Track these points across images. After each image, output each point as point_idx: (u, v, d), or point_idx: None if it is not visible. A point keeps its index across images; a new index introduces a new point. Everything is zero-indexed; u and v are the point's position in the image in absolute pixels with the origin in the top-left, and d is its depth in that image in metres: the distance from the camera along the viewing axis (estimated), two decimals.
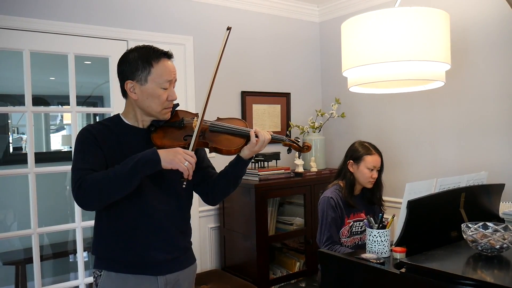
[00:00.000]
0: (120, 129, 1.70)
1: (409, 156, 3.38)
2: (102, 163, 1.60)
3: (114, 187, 1.52)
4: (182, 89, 3.31)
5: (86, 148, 1.61)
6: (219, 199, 1.90)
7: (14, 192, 4.05)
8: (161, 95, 1.66)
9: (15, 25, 2.65)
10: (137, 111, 1.71)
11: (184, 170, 1.55)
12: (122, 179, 1.51)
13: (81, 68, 3.13)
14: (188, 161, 1.55)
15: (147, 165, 1.53)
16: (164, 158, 1.54)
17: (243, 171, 1.82)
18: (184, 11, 3.32)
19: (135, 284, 1.66)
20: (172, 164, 1.54)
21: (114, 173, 1.52)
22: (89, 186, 1.50)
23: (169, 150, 1.57)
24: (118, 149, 1.65)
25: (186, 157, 1.55)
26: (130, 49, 1.71)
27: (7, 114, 4.31)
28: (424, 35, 2.01)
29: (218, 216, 3.52)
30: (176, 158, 1.54)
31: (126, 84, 1.66)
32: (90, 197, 1.52)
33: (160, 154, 1.54)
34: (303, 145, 1.89)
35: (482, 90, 2.90)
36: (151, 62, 1.64)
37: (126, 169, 1.51)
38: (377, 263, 1.82)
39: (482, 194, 2.21)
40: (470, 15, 2.92)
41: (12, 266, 3.76)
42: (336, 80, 3.86)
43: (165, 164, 1.54)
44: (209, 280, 3.17)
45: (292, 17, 3.92)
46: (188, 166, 1.55)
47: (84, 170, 1.54)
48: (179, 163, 1.54)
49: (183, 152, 1.56)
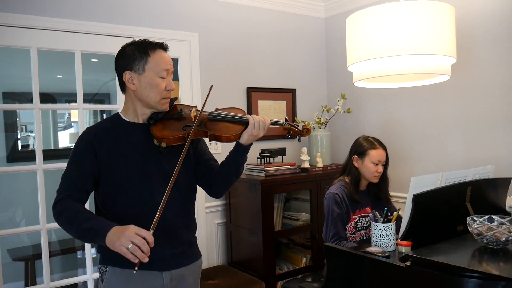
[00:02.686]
0: (119, 127, 1.72)
1: (416, 151, 3.37)
2: (88, 179, 1.64)
3: (69, 230, 1.58)
4: (187, 85, 3.32)
5: (77, 159, 1.66)
6: (223, 190, 1.88)
7: (22, 190, 4.09)
8: (159, 84, 1.67)
9: (23, 23, 2.68)
10: (136, 105, 1.72)
11: (125, 254, 1.39)
12: (75, 230, 1.54)
13: (88, 65, 3.16)
14: (134, 243, 1.38)
15: (95, 236, 1.50)
16: (108, 238, 1.44)
17: (244, 158, 1.80)
18: (190, 8, 3.33)
19: (140, 280, 1.67)
20: (113, 247, 1.42)
21: (75, 219, 1.53)
22: (58, 214, 1.58)
23: (119, 229, 1.44)
24: (118, 148, 1.67)
25: (134, 239, 1.38)
26: (126, 44, 1.73)
27: (15, 112, 4.35)
28: (429, 28, 2.01)
29: (225, 212, 3.54)
30: (118, 240, 1.39)
31: (124, 75, 1.68)
32: (57, 221, 1.60)
33: (109, 233, 1.44)
34: (303, 128, 1.89)
35: (488, 84, 2.89)
36: (147, 52, 1.67)
37: (81, 226, 1.51)
38: (382, 256, 1.82)
39: (488, 188, 2.19)
40: (476, 9, 2.91)
41: (22, 262, 3.82)
42: (342, 75, 3.86)
43: (108, 245, 1.44)
44: (216, 276, 3.19)
45: (297, 12, 3.92)
46: (132, 249, 1.38)
47: (67, 187, 1.61)
48: (120, 246, 1.39)
49: (132, 233, 1.40)
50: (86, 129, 1.73)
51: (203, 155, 1.87)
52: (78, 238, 1.60)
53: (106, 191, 1.68)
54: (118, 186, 1.66)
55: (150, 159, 1.70)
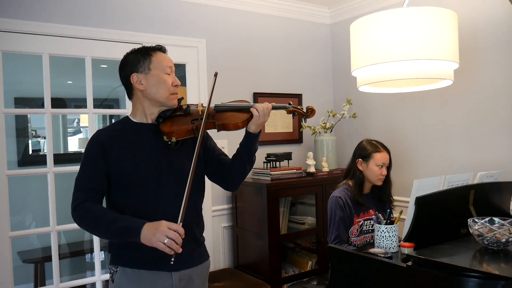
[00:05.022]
0: (128, 128, 1.78)
1: (420, 155, 3.39)
2: (102, 179, 1.69)
3: (97, 232, 1.72)
4: (195, 90, 3.38)
5: (90, 161, 1.71)
6: (238, 182, 1.90)
7: (32, 194, 4.15)
8: (166, 80, 1.74)
9: (35, 29, 2.75)
10: (145, 105, 1.78)
11: (163, 249, 1.51)
12: (105, 231, 1.62)
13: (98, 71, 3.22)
14: (169, 237, 1.51)
15: (128, 235, 1.59)
16: (143, 234, 1.54)
17: (256, 146, 1.84)
18: (197, 14, 3.39)
19: (150, 280, 1.71)
20: (150, 243, 1.53)
21: (103, 220, 1.61)
22: (80, 217, 1.65)
23: (153, 225, 1.55)
24: (128, 148, 1.72)
25: (168, 233, 1.51)
26: (126, 53, 1.81)
27: (27, 118, 4.44)
28: (431, 34, 2.03)
29: (231, 216, 3.58)
30: (154, 237, 1.51)
31: (132, 78, 1.74)
32: (80, 224, 1.67)
33: (143, 230, 1.55)
34: (307, 109, 1.90)
35: (492, 89, 2.91)
36: (149, 53, 1.76)
37: (112, 227, 1.59)
38: (384, 257, 1.85)
39: (492, 191, 2.20)
40: (479, 15, 2.93)
41: (31, 264, 3.88)
42: (347, 81, 3.89)
43: (144, 241, 1.55)
44: (222, 278, 3.22)
45: (303, 19, 3.97)
46: (168, 243, 1.50)
47: (83, 191, 1.67)
48: (157, 241, 1.51)
49: (166, 228, 1.52)
50: (97, 131, 1.78)
51: (213, 151, 1.91)
52: (108, 238, 1.68)
53: (117, 190, 1.72)
54: (129, 185, 1.70)
55: (159, 157, 1.74)
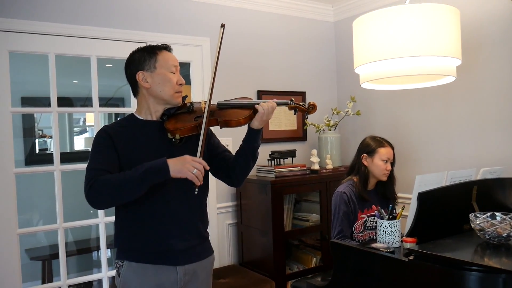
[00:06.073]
0: (134, 124, 1.81)
1: (424, 152, 3.39)
2: (114, 164, 1.69)
3: (123, 192, 1.62)
4: (199, 88, 3.40)
5: (100, 149, 1.72)
6: (241, 178, 1.92)
7: (39, 193, 4.20)
8: (171, 78, 1.78)
9: (41, 29, 2.79)
10: (150, 103, 1.81)
11: (193, 179, 1.61)
12: (131, 185, 1.61)
13: (103, 70, 3.25)
14: (196, 168, 1.61)
15: (156, 174, 1.61)
16: (173, 168, 1.60)
17: (258, 142, 1.86)
18: (201, 13, 3.42)
19: (155, 274, 1.73)
20: (181, 173, 1.60)
21: (124, 178, 1.61)
22: (100, 188, 1.60)
23: (178, 159, 1.63)
24: (134, 144, 1.75)
25: (195, 164, 1.61)
26: (132, 52, 1.84)
27: (33, 117, 4.48)
28: (434, 30, 2.04)
29: (236, 213, 3.60)
30: (184, 167, 1.60)
31: (137, 76, 1.77)
32: (100, 197, 1.63)
33: (169, 163, 1.60)
34: (309, 105, 1.92)
35: (495, 86, 2.91)
36: (155, 52, 1.79)
37: (136, 176, 1.60)
38: (387, 252, 1.87)
39: (495, 187, 2.21)
40: (482, 12, 2.94)
41: (39, 261, 3.93)
42: (351, 78, 3.90)
43: (174, 173, 1.61)
44: (227, 275, 3.24)
45: (307, 17, 3.98)
46: (196, 174, 1.60)
47: (96, 170, 1.64)
48: (187, 172, 1.60)
49: (191, 160, 1.62)
50: (103, 126, 1.80)
51: (217, 148, 1.94)
52: (137, 191, 1.63)
53: None
54: None
55: (164, 154, 1.74)
